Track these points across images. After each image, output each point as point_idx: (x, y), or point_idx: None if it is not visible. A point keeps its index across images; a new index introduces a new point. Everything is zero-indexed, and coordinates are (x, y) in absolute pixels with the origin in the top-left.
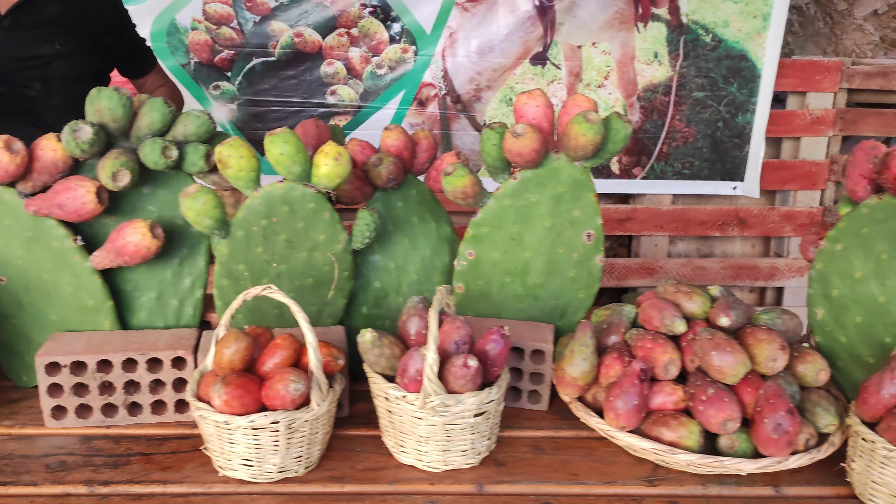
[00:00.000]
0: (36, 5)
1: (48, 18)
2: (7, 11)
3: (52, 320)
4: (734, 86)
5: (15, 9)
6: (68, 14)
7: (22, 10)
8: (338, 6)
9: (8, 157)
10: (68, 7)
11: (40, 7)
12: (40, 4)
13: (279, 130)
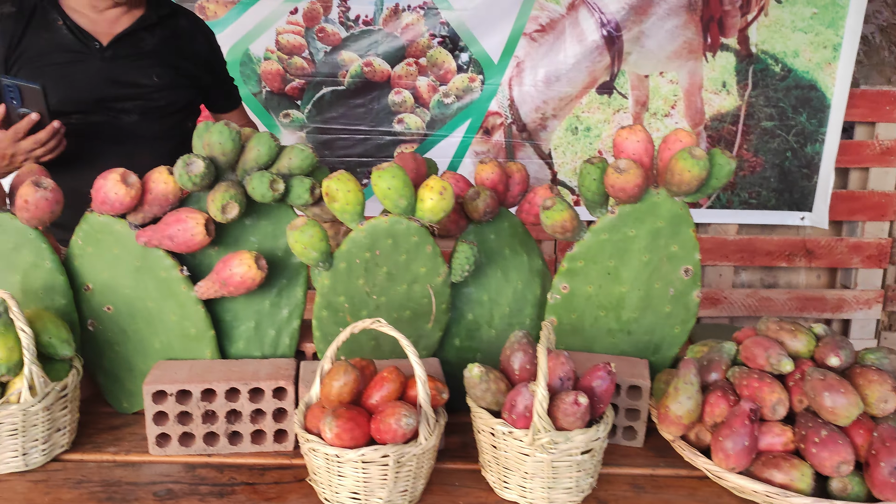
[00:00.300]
0: (135, 37)
1: (146, 51)
2: (109, 43)
3: (155, 348)
4: (803, 115)
5: (116, 40)
6: (166, 48)
7: (123, 41)
8: (407, 37)
9: (124, 189)
10: (166, 41)
11: (139, 39)
12: (140, 37)
13: (387, 165)
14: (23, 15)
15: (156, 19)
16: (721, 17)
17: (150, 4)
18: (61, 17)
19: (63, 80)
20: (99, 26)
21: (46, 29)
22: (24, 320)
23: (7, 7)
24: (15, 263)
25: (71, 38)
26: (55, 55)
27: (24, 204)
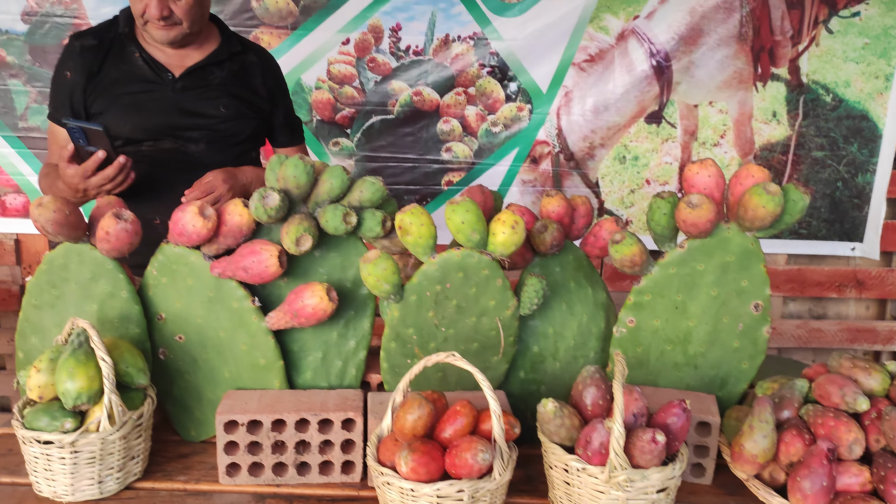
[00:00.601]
0: (206, 71)
1: (215, 83)
2: (180, 75)
3: (224, 377)
4: (854, 146)
5: (188, 73)
6: (234, 81)
7: (194, 74)
8: (457, 66)
9: (201, 222)
10: (234, 75)
11: (209, 72)
12: (209, 70)
13: (460, 199)
14: (102, 47)
15: (227, 55)
16: (772, 48)
17: (224, 41)
18: (138, 49)
19: (136, 109)
20: (173, 59)
21: (124, 60)
22: (104, 350)
23: (89, 40)
24: (92, 293)
25: (146, 70)
26: (130, 85)
27: (104, 235)
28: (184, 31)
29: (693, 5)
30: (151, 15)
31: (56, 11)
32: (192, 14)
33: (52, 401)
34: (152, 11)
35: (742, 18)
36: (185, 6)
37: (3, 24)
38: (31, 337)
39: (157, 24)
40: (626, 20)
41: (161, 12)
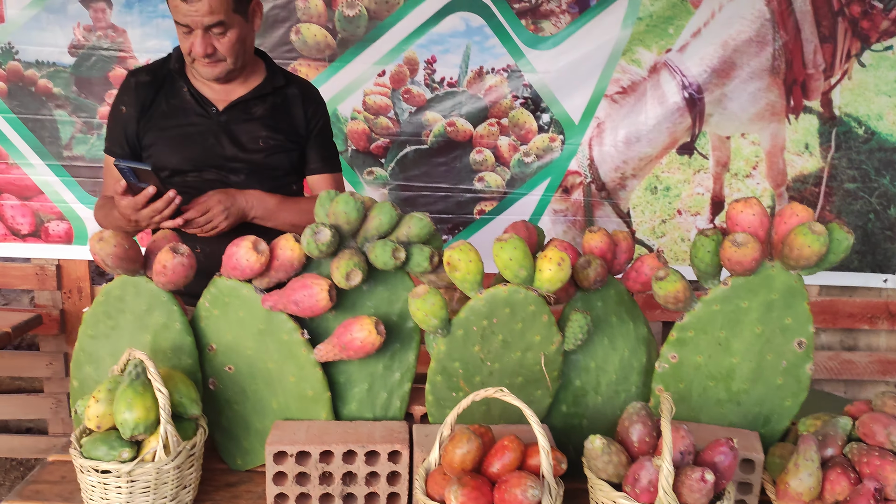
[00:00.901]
0: (248, 104)
1: (256, 117)
2: (224, 108)
3: (272, 408)
4: (886, 178)
5: (230, 106)
6: (274, 115)
7: (236, 107)
8: (490, 98)
9: (255, 256)
10: (276, 108)
11: (251, 106)
12: (252, 103)
13: (507, 236)
14: (155, 82)
15: (270, 89)
16: (804, 81)
17: (269, 76)
18: (187, 84)
19: (182, 142)
20: (218, 94)
21: (173, 95)
22: (160, 381)
23: (143, 76)
24: (147, 324)
25: (193, 104)
26: (178, 119)
27: (161, 269)
28: (228, 67)
29: (725, 39)
30: (196, 53)
31: (102, 45)
32: (234, 51)
33: (110, 430)
34: (197, 49)
35: (775, 52)
36: (228, 43)
37: (50, 57)
38: (85, 366)
39: (202, 62)
40: (658, 53)
41: (205, 50)
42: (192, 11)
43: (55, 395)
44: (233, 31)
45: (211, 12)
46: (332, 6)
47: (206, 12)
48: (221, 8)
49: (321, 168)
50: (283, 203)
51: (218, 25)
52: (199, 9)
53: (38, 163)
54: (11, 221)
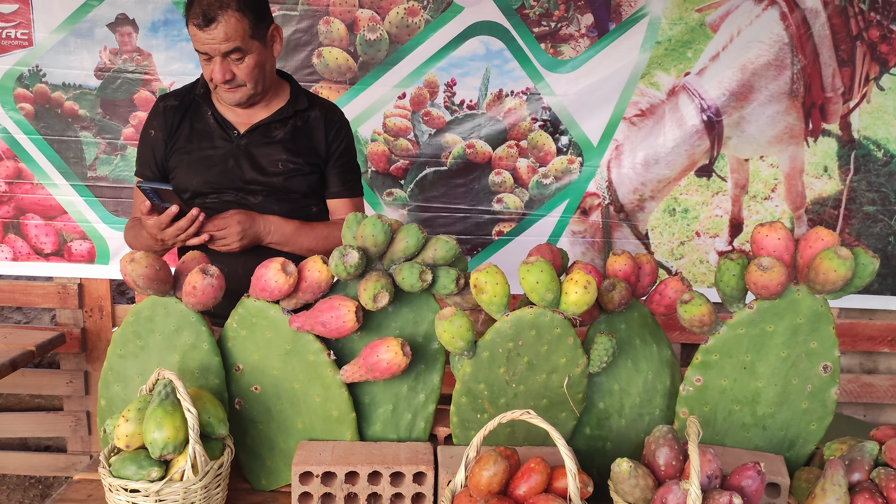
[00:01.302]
0: (269, 127)
1: (276, 140)
2: (245, 131)
3: (297, 428)
4: None
5: (252, 130)
6: (295, 138)
7: (257, 131)
8: (510, 120)
9: (283, 278)
10: (296, 131)
11: (272, 129)
12: (273, 126)
13: (533, 259)
14: (182, 107)
15: (292, 112)
16: (823, 104)
17: (292, 99)
18: (211, 109)
19: (202, 164)
20: (241, 117)
21: (198, 119)
22: (189, 401)
23: (171, 101)
24: (175, 344)
25: (215, 128)
26: (200, 142)
27: (191, 290)
28: (248, 92)
29: (744, 62)
30: (216, 79)
31: (128, 68)
32: (254, 76)
33: (139, 449)
34: (216, 76)
35: (793, 75)
36: (247, 69)
37: (77, 80)
38: (113, 385)
39: (223, 87)
40: (676, 76)
41: (224, 76)
42: (209, 39)
43: (74, 413)
44: (251, 57)
45: (227, 39)
46: (353, 30)
47: (222, 39)
48: (237, 35)
49: (342, 192)
50: (301, 229)
51: (235, 52)
52: (214, 36)
53: (63, 183)
54: (35, 241)
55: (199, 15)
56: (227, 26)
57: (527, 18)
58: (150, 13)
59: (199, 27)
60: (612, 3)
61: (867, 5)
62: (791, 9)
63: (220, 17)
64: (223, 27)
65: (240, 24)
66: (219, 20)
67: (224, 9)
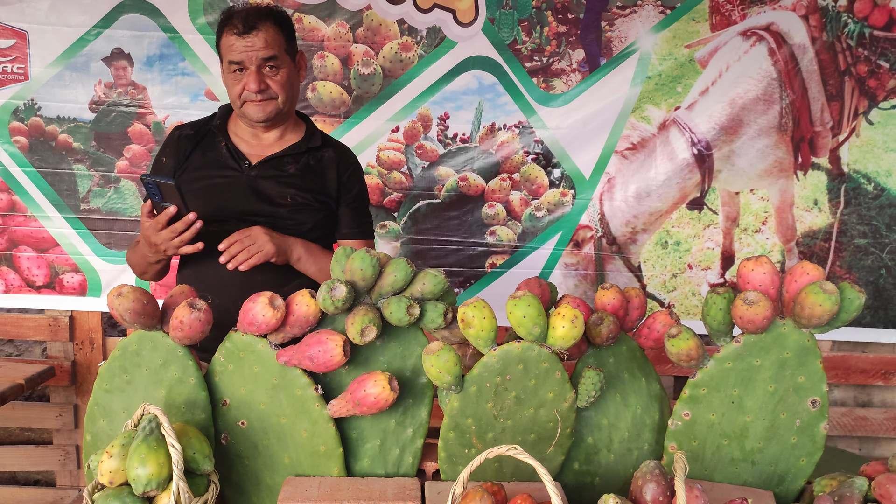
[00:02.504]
0: (281, 161)
1: (287, 174)
2: (257, 163)
3: (284, 463)
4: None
5: (263, 162)
6: (306, 175)
7: (269, 163)
8: (502, 153)
9: (271, 312)
10: (309, 169)
11: (284, 163)
12: (285, 160)
13: (521, 294)
14: (197, 137)
15: (304, 149)
16: (812, 138)
17: (306, 136)
18: (225, 139)
19: (210, 192)
20: (254, 149)
21: (210, 149)
22: (174, 436)
23: (187, 130)
24: (162, 379)
25: (228, 158)
26: (211, 171)
27: (178, 324)
28: (278, 106)
29: (733, 97)
30: (251, 88)
31: (122, 101)
32: (286, 90)
33: (122, 486)
34: (251, 85)
35: (782, 110)
36: (281, 80)
37: (71, 113)
38: (99, 420)
39: (254, 101)
40: (667, 111)
41: (259, 85)
42: (248, 46)
43: (64, 447)
44: (284, 71)
45: (266, 46)
46: (347, 65)
47: (261, 46)
48: (276, 43)
49: (356, 234)
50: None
51: (271, 60)
52: (254, 43)
53: (56, 215)
54: (27, 273)
55: (238, 24)
56: (267, 34)
57: (519, 53)
58: (145, 47)
59: (239, 35)
60: (602, 38)
61: (854, 41)
62: (779, 45)
63: (259, 26)
64: (263, 34)
65: (277, 35)
66: (259, 28)
67: (264, 19)
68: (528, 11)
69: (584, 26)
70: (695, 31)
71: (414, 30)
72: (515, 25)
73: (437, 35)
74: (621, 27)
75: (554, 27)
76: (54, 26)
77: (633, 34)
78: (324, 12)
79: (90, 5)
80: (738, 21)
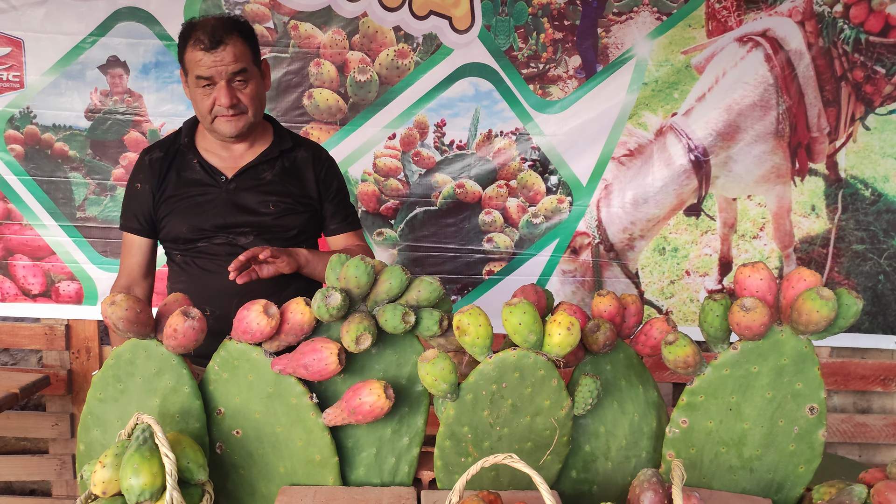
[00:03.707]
0: (257, 170)
1: (265, 182)
2: (233, 176)
3: (279, 473)
4: (895, 239)
5: (240, 173)
6: (284, 178)
7: (245, 174)
8: (499, 160)
9: (265, 320)
10: (284, 172)
11: (260, 171)
12: (261, 169)
13: (516, 301)
14: (168, 157)
15: (277, 153)
16: (809, 144)
17: (275, 140)
18: (196, 157)
19: (192, 211)
20: (226, 162)
21: (184, 168)
22: (168, 446)
23: (156, 153)
24: (155, 388)
25: (202, 174)
26: (188, 189)
27: (172, 332)
28: (249, 120)
29: (729, 103)
30: (221, 103)
31: (118, 109)
32: (255, 102)
33: (115, 496)
34: (222, 100)
35: (779, 116)
36: (251, 93)
37: (67, 121)
38: (93, 429)
39: (225, 116)
40: (664, 117)
41: (230, 100)
42: (217, 61)
43: (60, 456)
44: (253, 83)
45: (235, 60)
46: (343, 72)
47: (230, 60)
48: (244, 56)
49: (344, 227)
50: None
51: (241, 73)
52: (223, 58)
53: (51, 224)
54: (23, 282)
55: (205, 38)
56: (235, 48)
57: (515, 60)
58: (141, 55)
59: (207, 50)
60: (599, 45)
61: (851, 47)
62: (775, 50)
63: (227, 40)
64: (231, 48)
65: (245, 48)
66: (226, 42)
67: (230, 32)
68: (525, 18)
69: (581, 33)
70: (691, 37)
71: (410, 37)
72: (512, 32)
73: (434, 42)
74: (617, 33)
75: (550, 34)
76: (50, 34)
77: (630, 40)
78: (320, 19)
79: (86, 13)
80: (735, 27)
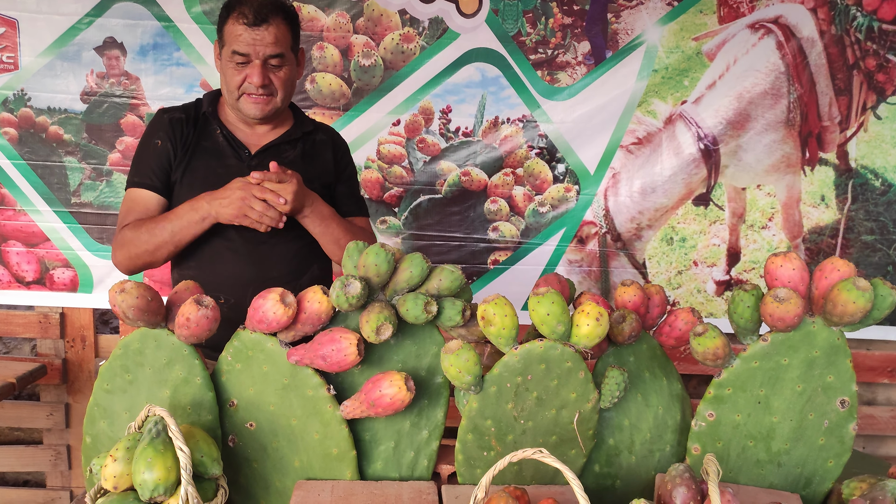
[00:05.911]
0: (279, 149)
1: (287, 162)
2: (256, 152)
3: (294, 467)
4: None
5: (262, 150)
6: (305, 160)
7: (268, 152)
8: (506, 148)
9: (282, 309)
10: (306, 153)
11: (282, 151)
12: (283, 149)
13: (544, 290)
14: (190, 121)
15: (299, 135)
16: (820, 133)
17: (297, 122)
18: (220, 127)
19: (214, 184)
20: (250, 138)
21: (206, 137)
22: (182, 439)
23: (178, 113)
24: (166, 378)
25: (226, 146)
26: (209, 160)
27: (185, 322)
28: (277, 104)
29: (740, 91)
30: (254, 82)
31: (115, 92)
32: (286, 87)
33: (127, 491)
34: (255, 79)
35: (790, 104)
36: (284, 77)
37: (62, 104)
38: (100, 421)
39: (253, 96)
40: (673, 105)
41: (262, 80)
42: (257, 40)
43: (54, 446)
44: (287, 68)
45: (275, 42)
46: (347, 56)
47: (270, 42)
48: (284, 40)
49: (355, 211)
50: (336, 215)
51: (277, 57)
52: (263, 38)
53: (46, 209)
54: (17, 269)
55: (249, 14)
56: (277, 30)
57: (523, 46)
58: (138, 37)
59: (248, 26)
60: (608, 31)
61: (863, 35)
62: (787, 38)
63: (271, 20)
64: (273, 29)
65: (286, 32)
66: (270, 22)
67: (275, 13)
68: (533, 2)
69: (590, 18)
70: (702, 23)
71: (416, 20)
72: (520, 17)
73: (440, 26)
74: (627, 19)
75: (559, 19)
76: (45, 14)
77: (640, 26)
78: (323, 2)
79: None
80: (747, 13)
